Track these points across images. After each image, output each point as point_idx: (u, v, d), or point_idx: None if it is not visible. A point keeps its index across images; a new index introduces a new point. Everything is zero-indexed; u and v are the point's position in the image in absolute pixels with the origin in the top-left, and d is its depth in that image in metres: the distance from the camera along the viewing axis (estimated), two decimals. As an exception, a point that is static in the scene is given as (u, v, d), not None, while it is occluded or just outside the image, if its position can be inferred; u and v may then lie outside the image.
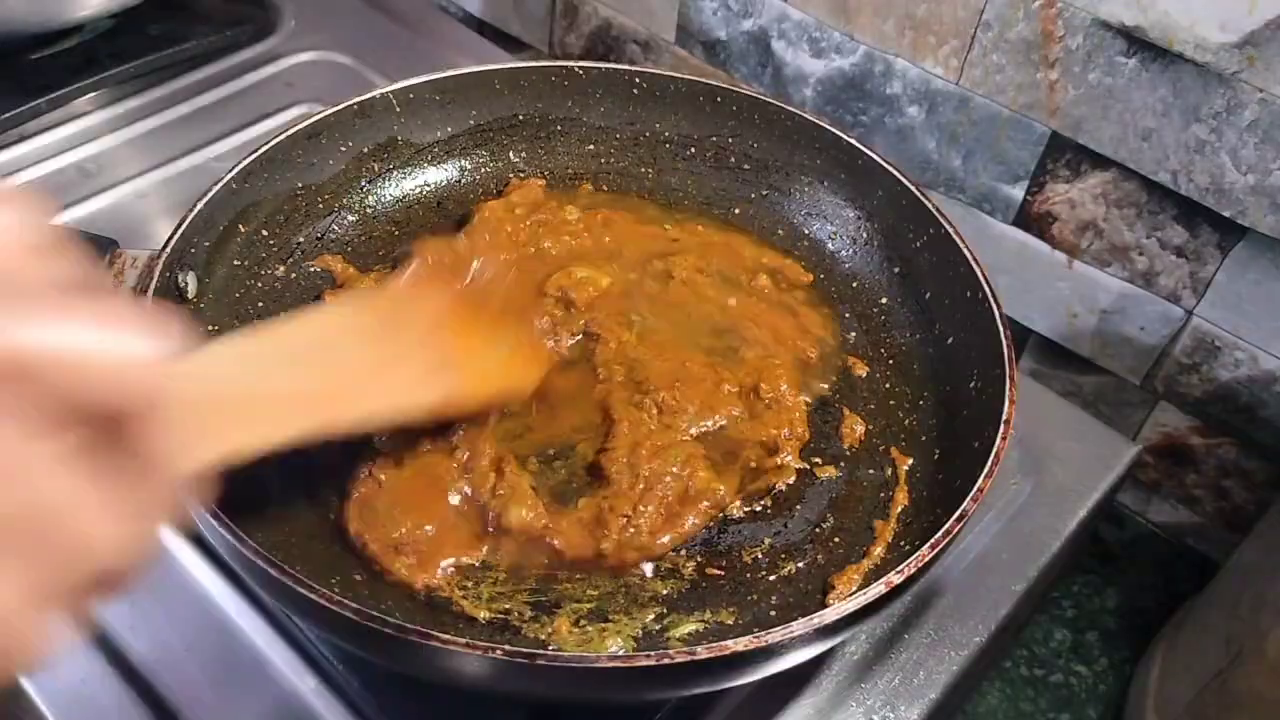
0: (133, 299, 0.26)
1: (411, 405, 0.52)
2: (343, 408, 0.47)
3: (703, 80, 0.74)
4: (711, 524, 0.57)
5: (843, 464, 0.61)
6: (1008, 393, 0.56)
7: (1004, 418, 0.54)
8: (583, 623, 0.53)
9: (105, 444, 0.26)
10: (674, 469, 0.57)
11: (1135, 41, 0.72)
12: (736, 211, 0.74)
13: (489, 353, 0.58)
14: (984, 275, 0.62)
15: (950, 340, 0.64)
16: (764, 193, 0.74)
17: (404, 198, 0.73)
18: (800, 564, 0.56)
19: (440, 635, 0.43)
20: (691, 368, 0.63)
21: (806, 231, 0.73)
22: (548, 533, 0.55)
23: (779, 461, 0.60)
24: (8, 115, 0.86)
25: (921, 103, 0.86)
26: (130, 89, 0.92)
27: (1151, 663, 0.81)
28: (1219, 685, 0.71)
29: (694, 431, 0.60)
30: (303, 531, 0.55)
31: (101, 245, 0.57)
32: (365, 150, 0.71)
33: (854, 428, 0.62)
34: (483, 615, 0.53)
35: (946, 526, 0.49)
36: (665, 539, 0.56)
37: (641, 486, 0.56)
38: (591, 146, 0.76)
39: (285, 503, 0.56)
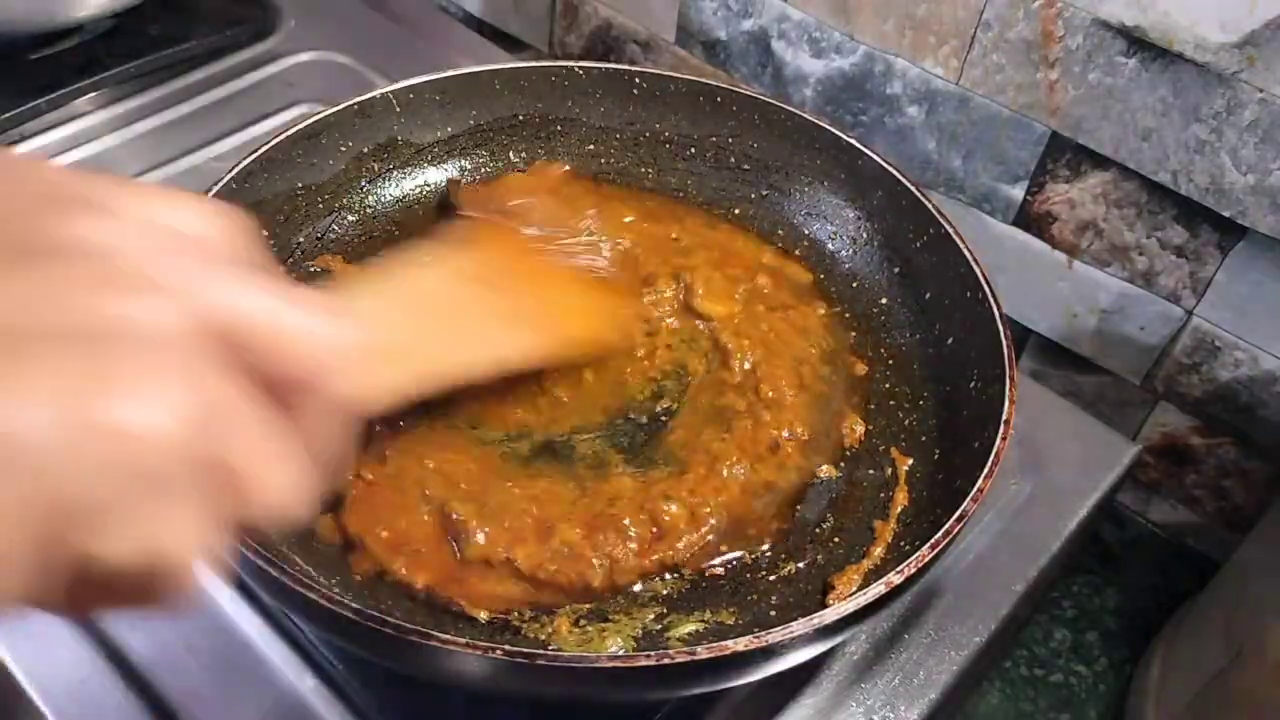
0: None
1: (501, 355, 0.54)
2: (459, 355, 0.50)
3: (703, 80, 0.74)
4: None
5: (843, 464, 0.61)
6: (1008, 393, 0.55)
7: (1004, 418, 0.54)
8: (583, 623, 0.53)
9: (280, 408, 0.29)
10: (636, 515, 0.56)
11: (1135, 41, 0.72)
12: (736, 211, 0.74)
13: (563, 302, 0.60)
14: (984, 275, 0.62)
15: (950, 340, 0.64)
16: (764, 193, 0.74)
17: (404, 198, 0.73)
18: (800, 564, 0.56)
19: (440, 635, 0.43)
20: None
21: (806, 231, 0.73)
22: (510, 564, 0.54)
23: (779, 461, 0.60)
24: (8, 115, 0.86)
25: (921, 103, 0.85)
26: (130, 89, 0.92)
27: (1151, 663, 0.81)
28: (1219, 685, 0.71)
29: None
30: (302, 531, 0.55)
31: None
32: (365, 150, 0.71)
33: (854, 428, 0.62)
34: (483, 615, 0.53)
35: (946, 527, 0.49)
36: (656, 559, 0.55)
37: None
38: (591, 146, 0.76)
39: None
